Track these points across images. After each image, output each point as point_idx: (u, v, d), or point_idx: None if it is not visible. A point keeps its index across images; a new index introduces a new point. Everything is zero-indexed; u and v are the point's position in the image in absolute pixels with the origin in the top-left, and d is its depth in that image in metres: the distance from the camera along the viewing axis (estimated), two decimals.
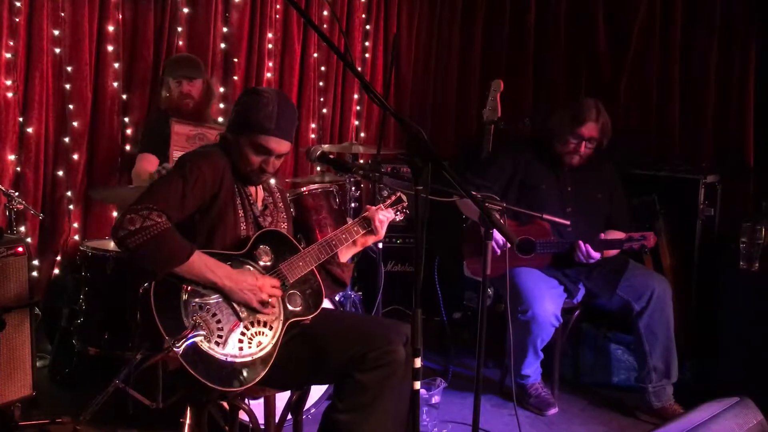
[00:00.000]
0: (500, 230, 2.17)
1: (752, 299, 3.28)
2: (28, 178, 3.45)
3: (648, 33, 4.19)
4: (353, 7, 4.63)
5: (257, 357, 2.20)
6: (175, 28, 3.86)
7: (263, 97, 2.29)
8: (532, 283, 3.24)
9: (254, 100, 2.29)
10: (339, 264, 2.55)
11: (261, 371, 2.20)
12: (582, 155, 3.40)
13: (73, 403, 3.00)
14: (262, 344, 2.23)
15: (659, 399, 3.29)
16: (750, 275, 3.32)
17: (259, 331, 2.23)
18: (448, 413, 3.24)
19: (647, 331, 3.28)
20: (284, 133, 2.30)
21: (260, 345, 2.22)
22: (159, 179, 2.28)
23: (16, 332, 2.87)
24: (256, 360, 2.20)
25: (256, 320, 2.24)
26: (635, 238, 3.24)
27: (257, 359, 2.20)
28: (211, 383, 2.10)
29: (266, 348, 2.23)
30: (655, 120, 4.19)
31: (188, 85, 3.45)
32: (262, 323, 2.25)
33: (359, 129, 4.85)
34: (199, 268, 2.14)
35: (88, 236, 3.64)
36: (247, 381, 2.17)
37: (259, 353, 2.21)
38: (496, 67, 4.70)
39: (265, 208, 2.46)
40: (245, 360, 2.18)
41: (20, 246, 2.89)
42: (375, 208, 2.57)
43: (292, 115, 2.36)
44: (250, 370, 2.18)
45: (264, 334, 2.24)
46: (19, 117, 3.41)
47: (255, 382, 2.19)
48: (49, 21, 3.44)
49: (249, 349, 2.19)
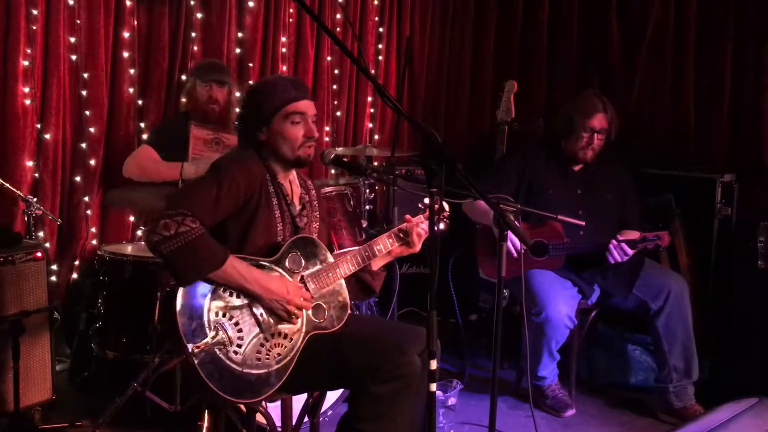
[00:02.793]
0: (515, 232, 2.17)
1: None
2: (46, 183, 3.48)
3: (662, 31, 4.17)
4: (366, 10, 4.64)
5: (273, 369, 2.19)
6: (190, 33, 3.89)
7: (267, 81, 2.43)
8: (545, 285, 3.23)
9: (262, 88, 2.38)
10: (370, 272, 2.50)
11: (275, 383, 2.19)
12: (595, 149, 3.38)
13: (92, 407, 3.02)
14: (280, 356, 2.21)
15: (680, 399, 3.27)
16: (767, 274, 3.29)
17: (278, 342, 2.21)
18: (464, 415, 3.24)
19: (665, 330, 3.26)
20: (305, 93, 2.36)
21: (278, 357, 2.21)
22: (192, 183, 2.27)
23: (36, 337, 2.90)
24: (272, 372, 2.19)
25: (277, 331, 2.22)
26: (649, 238, 3.22)
27: (273, 371, 2.19)
28: (223, 393, 2.11)
29: (284, 360, 2.21)
30: (670, 119, 4.17)
31: (218, 90, 3.48)
32: (282, 335, 2.23)
33: (373, 131, 4.86)
34: (231, 274, 2.13)
35: (105, 241, 3.67)
36: (260, 393, 2.17)
37: (275, 366, 2.19)
38: (509, 68, 4.69)
39: (303, 207, 2.43)
40: (260, 372, 2.17)
41: (39, 251, 2.91)
42: (415, 220, 2.50)
43: (301, 80, 2.47)
44: (264, 382, 2.17)
45: (283, 346, 2.22)
46: (37, 123, 3.44)
47: (267, 394, 2.18)
48: (65, 28, 3.48)
49: (267, 360, 2.18)
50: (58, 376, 3.13)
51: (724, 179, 3.65)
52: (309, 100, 2.35)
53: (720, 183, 3.63)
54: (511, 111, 3.83)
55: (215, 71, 3.52)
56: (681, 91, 4.11)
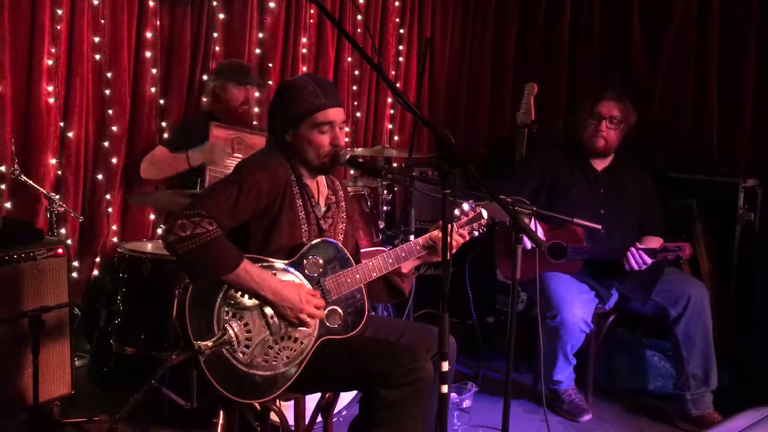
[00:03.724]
0: (528, 234, 2.15)
1: None
2: (69, 181, 3.53)
3: (684, 33, 4.13)
4: (387, 12, 4.65)
5: (280, 372, 2.19)
6: (212, 34, 3.92)
7: (296, 84, 2.30)
8: (561, 288, 3.21)
9: (292, 91, 2.29)
10: (399, 273, 2.45)
11: (282, 386, 2.19)
12: (606, 138, 3.35)
13: (110, 402, 3.06)
14: (289, 359, 2.20)
15: (698, 407, 3.23)
16: None
17: (287, 345, 2.20)
18: (479, 418, 3.23)
19: (685, 337, 3.22)
20: (335, 101, 2.30)
21: (286, 360, 2.20)
22: (215, 184, 2.26)
23: (56, 332, 2.94)
24: (278, 375, 2.19)
25: (287, 335, 2.21)
26: (671, 248, 3.17)
27: (279, 374, 2.19)
28: (227, 392, 2.12)
29: (291, 364, 2.21)
30: (692, 122, 4.12)
31: (252, 91, 3.55)
32: (292, 338, 2.21)
33: (393, 133, 4.86)
34: (244, 278, 2.13)
35: (125, 238, 3.71)
36: (265, 395, 2.17)
37: (282, 368, 2.19)
38: (529, 70, 4.67)
39: (328, 209, 2.42)
40: (267, 374, 2.17)
41: (60, 248, 2.95)
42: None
43: (330, 84, 2.39)
44: (270, 384, 2.17)
45: (292, 349, 2.21)
46: (61, 122, 3.49)
47: (272, 396, 2.19)
48: (89, 28, 3.52)
49: (274, 362, 2.18)
50: (77, 371, 3.17)
51: (747, 184, 3.61)
52: (338, 106, 2.31)
53: (743, 188, 3.59)
54: (531, 113, 3.81)
55: (249, 74, 3.58)
56: (704, 94, 4.07)
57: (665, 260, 3.20)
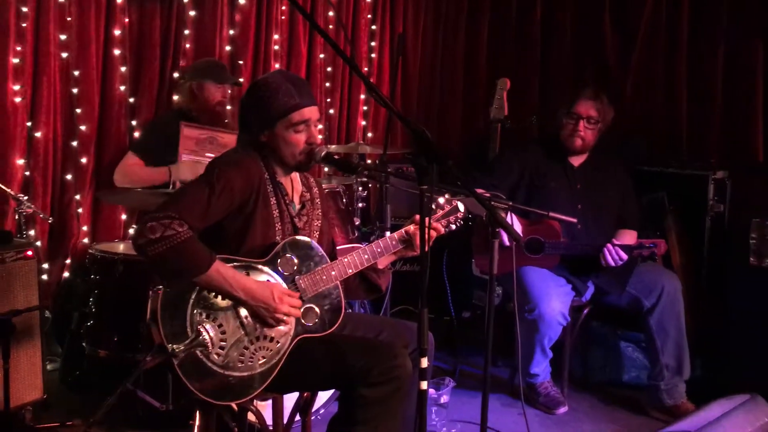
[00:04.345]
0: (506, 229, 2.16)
1: (762, 295, 3.26)
2: (37, 182, 3.47)
3: (654, 29, 4.18)
4: (359, 8, 4.63)
5: (257, 372, 2.17)
6: (182, 31, 3.87)
7: (270, 83, 2.27)
8: (538, 282, 3.23)
9: (266, 90, 2.26)
10: (376, 270, 2.43)
11: (258, 387, 2.17)
12: (584, 137, 3.37)
13: (83, 406, 3.02)
14: (265, 359, 2.18)
15: (671, 397, 3.27)
16: (760, 271, 3.30)
17: (263, 345, 2.18)
18: (457, 413, 3.23)
19: (658, 327, 3.27)
20: (310, 99, 2.29)
21: (263, 360, 2.18)
22: (186, 185, 2.23)
23: (27, 336, 2.88)
24: (255, 375, 2.17)
25: (263, 335, 2.19)
26: (646, 245, 3.21)
27: (256, 374, 2.17)
28: (203, 395, 2.10)
29: (269, 363, 2.19)
30: (663, 117, 4.17)
31: (229, 90, 3.52)
32: (268, 338, 2.19)
33: (366, 129, 4.85)
34: (217, 279, 2.11)
35: (97, 239, 3.65)
36: (241, 396, 2.15)
37: (259, 369, 2.17)
38: (502, 66, 4.69)
39: (302, 206, 2.40)
40: (243, 375, 2.14)
41: (30, 250, 2.90)
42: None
43: (304, 82, 2.38)
44: (246, 385, 2.15)
45: (268, 349, 2.19)
46: (28, 121, 3.43)
47: (250, 397, 2.17)
48: (55, 26, 3.46)
49: (250, 363, 2.16)
50: (49, 375, 3.12)
51: (716, 176, 3.66)
52: (313, 105, 2.29)
53: (712, 180, 3.63)
54: (503, 109, 3.82)
55: (226, 72, 3.55)
56: (674, 89, 4.12)
57: (640, 256, 3.24)
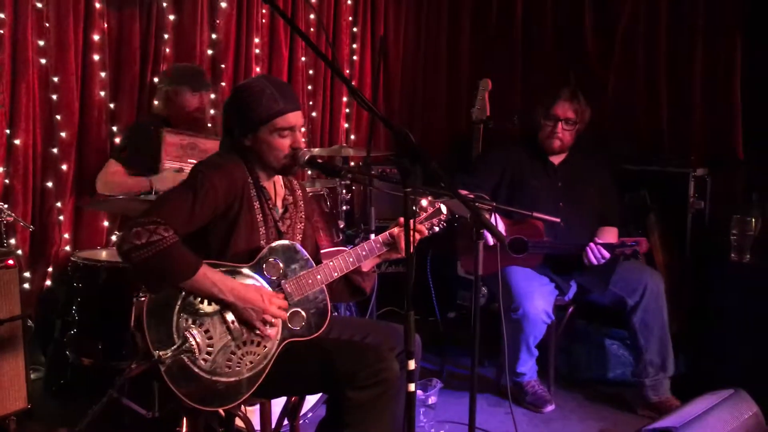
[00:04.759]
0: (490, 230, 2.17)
1: (744, 291, 3.29)
2: (17, 190, 3.43)
3: (634, 27, 4.20)
4: (340, 10, 4.63)
5: (244, 377, 2.16)
6: (162, 35, 3.85)
7: (254, 88, 2.25)
8: (522, 282, 3.24)
9: (250, 94, 2.24)
10: (360, 273, 2.43)
11: (246, 392, 2.16)
12: (562, 138, 3.40)
13: (68, 415, 2.98)
14: (252, 364, 2.18)
15: (656, 393, 3.30)
16: (741, 267, 3.34)
17: (250, 350, 2.18)
18: (445, 413, 3.24)
19: (642, 325, 3.29)
20: (294, 104, 2.27)
21: (250, 365, 2.17)
22: (170, 191, 2.22)
23: (9, 345, 2.85)
24: (243, 380, 2.16)
25: (249, 339, 2.18)
26: (628, 243, 3.23)
27: (244, 379, 2.16)
28: (191, 401, 2.09)
29: (256, 368, 2.18)
30: (644, 115, 4.20)
31: (207, 96, 3.50)
32: (255, 343, 2.19)
33: (349, 132, 4.85)
34: (204, 283, 2.10)
35: (79, 247, 3.62)
36: (229, 401, 2.14)
37: (247, 374, 2.17)
38: (484, 66, 4.71)
39: (285, 210, 2.39)
40: (230, 380, 2.14)
41: (11, 259, 2.86)
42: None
43: (288, 86, 2.36)
44: (234, 390, 2.15)
45: (255, 354, 2.19)
46: (6, 129, 3.39)
47: (237, 402, 2.16)
48: (33, 31, 3.42)
49: (237, 368, 2.15)
50: (33, 384, 3.08)
51: (696, 173, 3.69)
52: (297, 110, 2.28)
53: (693, 177, 3.67)
54: (485, 109, 3.83)
55: (203, 78, 3.51)
56: (654, 87, 4.15)
57: (623, 255, 3.26)
